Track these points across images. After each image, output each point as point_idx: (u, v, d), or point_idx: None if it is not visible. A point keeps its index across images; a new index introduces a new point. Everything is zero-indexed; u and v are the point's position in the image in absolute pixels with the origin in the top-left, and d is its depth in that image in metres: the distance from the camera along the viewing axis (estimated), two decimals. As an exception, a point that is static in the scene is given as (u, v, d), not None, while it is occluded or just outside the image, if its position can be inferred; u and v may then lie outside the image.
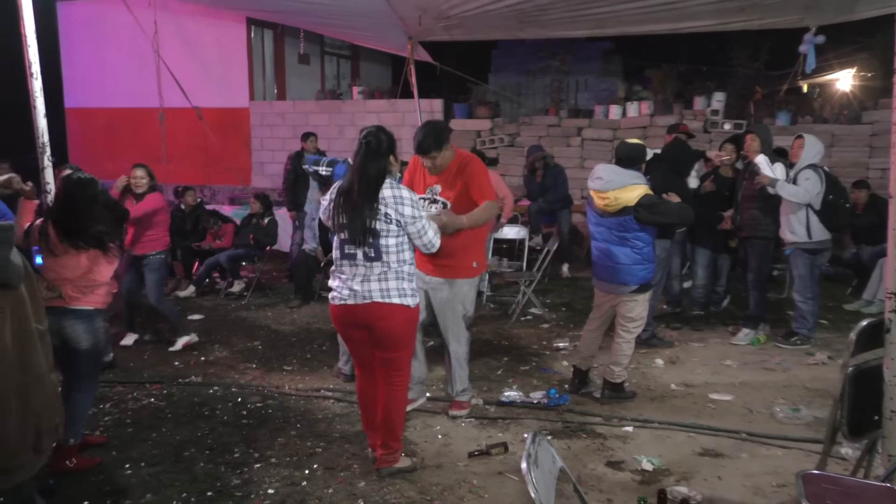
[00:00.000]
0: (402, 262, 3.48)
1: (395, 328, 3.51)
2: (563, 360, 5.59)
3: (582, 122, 10.48)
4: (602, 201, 4.47)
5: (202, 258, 8.10)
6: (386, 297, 3.44)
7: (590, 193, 4.63)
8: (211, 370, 5.38)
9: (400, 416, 3.70)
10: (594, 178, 4.51)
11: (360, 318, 3.50)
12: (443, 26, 8.76)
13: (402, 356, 3.62)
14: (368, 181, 3.40)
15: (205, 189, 11.84)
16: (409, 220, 3.44)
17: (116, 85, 12.38)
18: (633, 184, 4.41)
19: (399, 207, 3.41)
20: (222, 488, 3.54)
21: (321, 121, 11.35)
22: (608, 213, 4.46)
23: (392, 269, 3.45)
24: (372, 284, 3.44)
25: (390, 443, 3.65)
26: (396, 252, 3.45)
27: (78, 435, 3.74)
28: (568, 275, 8.54)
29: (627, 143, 4.68)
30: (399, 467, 3.69)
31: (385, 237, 3.42)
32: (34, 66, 4.20)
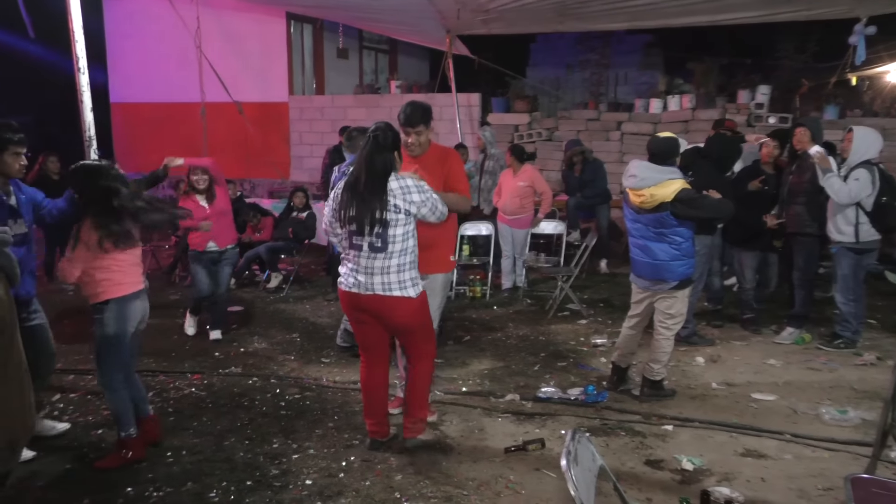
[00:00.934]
0: (405, 251, 3.59)
1: (399, 319, 3.65)
2: (601, 357, 5.53)
3: (622, 116, 10.34)
4: (638, 199, 4.39)
5: (242, 251, 8.19)
6: (387, 290, 3.57)
7: (626, 192, 4.57)
8: (250, 361, 5.45)
9: (424, 387, 3.86)
10: (628, 175, 4.44)
11: (366, 306, 3.65)
12: (481, 20, 8.73)
13: (418, 336, 3.77)
14: (375, 173, 3.52)
15: (245, 182, 12.00)
16: (419, 204, 3.57)
17: (159, 80, 12.61)
18: (669, 179, 4.32)
19: (407, 196, 3.54)
20: (261, 478, 3.58)
21: (359, 115, 11.40)
22: (645, 210, 4.39)
23: (395, 262, 3.56)
24: (374, 278, 3.56)
25: (416, 413, 3.83)
26: (402, 241, 3.56)
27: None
28: (606, 270, 8.45)
29: (659, 138, 4.56)
30: (423, 439, 3.84)
31: (394, 227, 3.54)
32: (81, 61, 4.30)
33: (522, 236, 7.59)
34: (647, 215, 4.40)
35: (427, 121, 4.06)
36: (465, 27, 9.19)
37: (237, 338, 6.07)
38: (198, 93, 11.01)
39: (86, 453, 3.85)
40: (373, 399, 3.86)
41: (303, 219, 8.12)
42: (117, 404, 3.73)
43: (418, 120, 4.01)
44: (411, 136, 4.02)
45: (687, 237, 4.42)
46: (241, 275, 8.08)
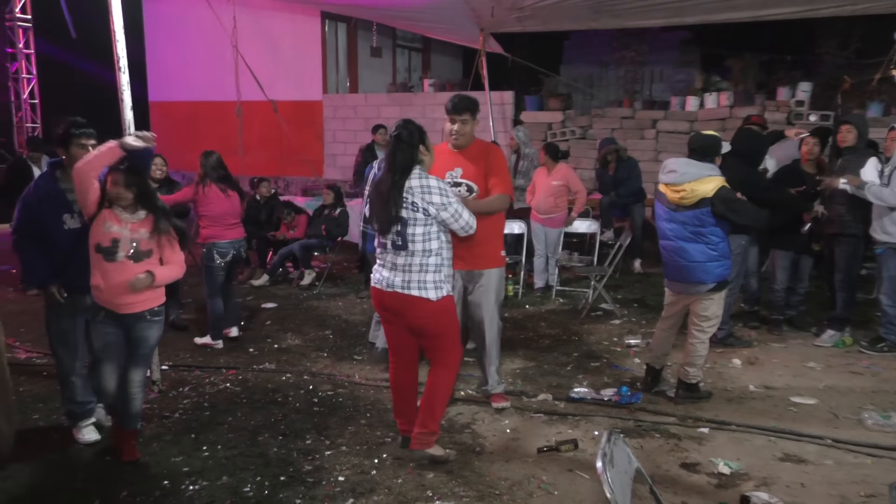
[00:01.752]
0: (428, 252, 3.53)
1: (418, 319, 3.59)
2: (634, 358, 5.47)
3: (657, 114, 10.22)
4: (676, 194, 4.30)
5: (276, 248, 8.29)
6: (406, 288, 3.53)
7: (659, 189, 4.47)
8: (284, 358, 5.50)
9: (441, 399, 3.74)
10: (666, 171, 4.36)
11: (389, 304, 3.63)
12: (515, 17, 8.68)
13: (440, 344, 3.69)
14: (396, 170, 3.52)
15: (279, 180, 12.13)
16: (438, 207, 3.49)
17: (196, 79, 12.82)
18: (709, 175, 4.25)
19: (426, 196, 3.48)
20: (294, 473, 3.61)
21: (392, 113, 11.44)
22: (683, 206, 4.30)
23: (417, 260, 3.52)
24: (397, 275, 3.56)
25: (427, 423, 3.71)
26: (423, 241, 3.51)
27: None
28: (640, 270, 8.35)
29: (701, 135, 4.51)
30: (431, 453, 3.70)
31: (412, 226, 3.50)
32: (122, 60, 4.36)
33: (555, 235, 7.54)
34: (683, 213, 4.31)
35: (473, 111, 4.06)
36: (498, 25, 9.14)
37: (271, 334, 6.13)
38: (234, 92, 11.15)
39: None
40: (402, 399, 3.85)
41: (335, 216, 8.16)
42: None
43: (464, 107, 4.02)
44: (456, 124, 4.01)
45: (723, 236, 4.34)
46: (274, 272, 8.17)
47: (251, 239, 8.32)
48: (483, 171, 4.09)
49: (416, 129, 3.59)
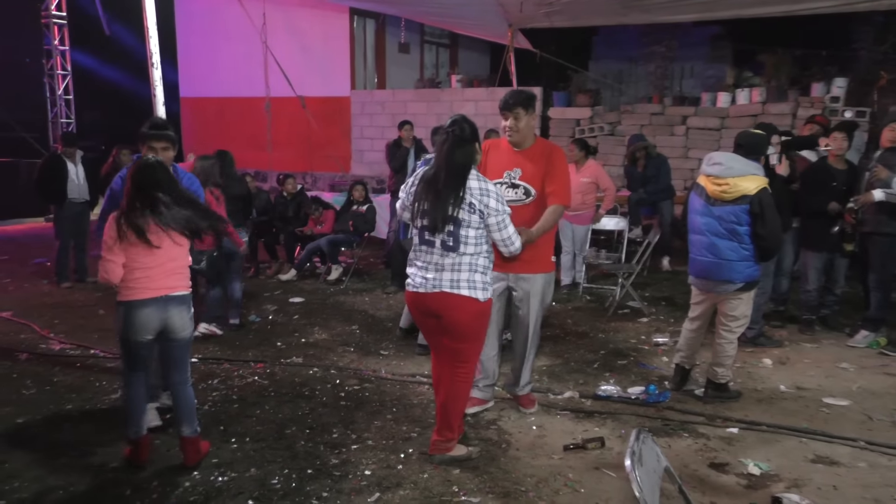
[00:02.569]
0: (479, 254, 3.49)
1: (462, 319, 3.52)
2: (662, 356, 5.42)
3: (687, 111, 10.10)
4: (718, 188, 4.21)
5: (304, 243, 8.36)
6: (455, 287, 3.46)
7: (697, 182, 4.41)
8: (311, 352, 5.54)
9: (458, 407, 3.68)
10: (711, 163, 4.29)
11: (431, 306, 3.53)
12: (544, 13, 8.65)
13: (468, 348, 3.61)
14: (455, 169, 3.43)
15: (306, 176, 12.21)
16: (491, 211, 3.44)
17: (226, 75, 12.94)
18: (754, 174, 4.20)
19: (484, 199, 3.42)
20: (321, 467, 3.63)
21: (419, 109, 11.46)
22: (723, 200, 4.21)
23: (466, 260, 3.46)
24: (444, 274, 3.47)
25: (444, 431, 3.68)
26: (475, 244, 3.47)
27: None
28: (668, 268, 8.27)
29: (749, 131, 4.49)
30: (453, 456, 3.69)
31: (466, 227, 3.44)
32: (155, 56, 4.44)
33: (583, 232, 7.48)
34: (721, 208, 4.22)
35: (526, 105, 3.90)
36: (527, 21, 9.12)
37: (298, 328, 6.18)
38: (263, 87, 11.27)
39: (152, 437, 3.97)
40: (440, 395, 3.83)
41: (363, 212, 8.20)
42: (125, 401, 3.67)
43: (515, 102, 3.88)
44: (508, 119, 3.91)
45: None
46: (301, 267, 8.23)
47: (279, 234, 8.42)
48: (542, 173, 3.91)
49: (471, 126, 3.51)
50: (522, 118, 3.90)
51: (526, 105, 3.90)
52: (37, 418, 4.25)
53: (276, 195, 8.61)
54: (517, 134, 3.93)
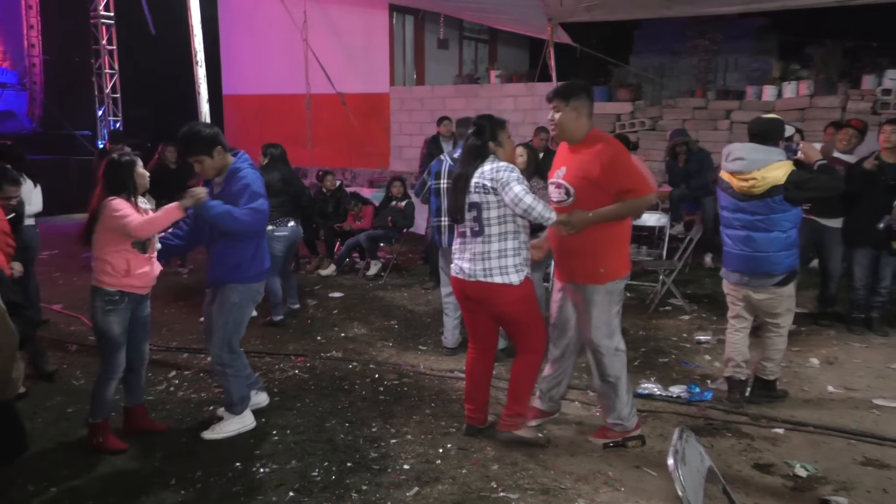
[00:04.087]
0: (505, 234, 3.55)
1: (501, 306, 3.63)
2: (704, 355, 5.32)
3: (731, 105, 9.88)
4: (745, 183, 4.06)
5: (343, 238, 8.43)
6: (488, 276, 3.57)
7: (722, 178, 4.24)
8: (350, 346, 5.59)
9: (525, 383, 3.76)
10: (731, 159, 4.12)
11: (470, 293, 3.68)
12: (585, 7, 8.54)
13: (524, 329, 3.71)
14: (469, 162, 3.64)
15: (346, 172, 12.30)
16: (501, 184, 3.47)
17: (267, 72, 13.10)
18: (779, 160, 4.01)
19: (495, 175, 3.52)
20: (361, 460, 3.66)
21: (458, 105, 11.44)
22: (753, 195, 4.07)
23: (495, 247, 3.54)
24: (476, 264, 3.59)
25: (513, 405, 3.76)
26: (499, 223, 3.55)
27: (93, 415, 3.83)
28: (710, 265, 8.12)
29: (763, 118, 4.26)
30: (520, 435, 3.73)
31: (487, 209, 3.54)
32: (199, 54, 4.51)
33: (623, 228, 7.38)
34: (752, 202, 4.08)
35: (566, 96, 3.59)
36: (567, 14, 9.01)
37: (338, 323, 6.23)
38: (303, 84, 11.38)
39: (197, 428, 4.05)
40: (474, 385, 3.89)
41: (401, 208, 8.23)
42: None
43: (554, 93, 3.66)
44: (550, 113, 3.73)
45: (795, 223, 4.12)
46: (341, 262, 8.30)
47: (318, 230, 8.51)
48: (588, 171, 3.57)
49: (487, 124, 3.63)
50: (562, 110, 3.61)
51: (566, 96, 3.59)
52: (86, 408, 4.34)
53: (315, 191, 8.70)
54: (559, 129, 3.67)
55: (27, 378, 4.73)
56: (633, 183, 3.56)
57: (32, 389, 4.59)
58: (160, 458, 3.72)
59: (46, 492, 3.39)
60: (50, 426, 4.11)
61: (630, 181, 3.55)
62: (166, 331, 5.96)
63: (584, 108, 3.62)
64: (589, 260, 3.65)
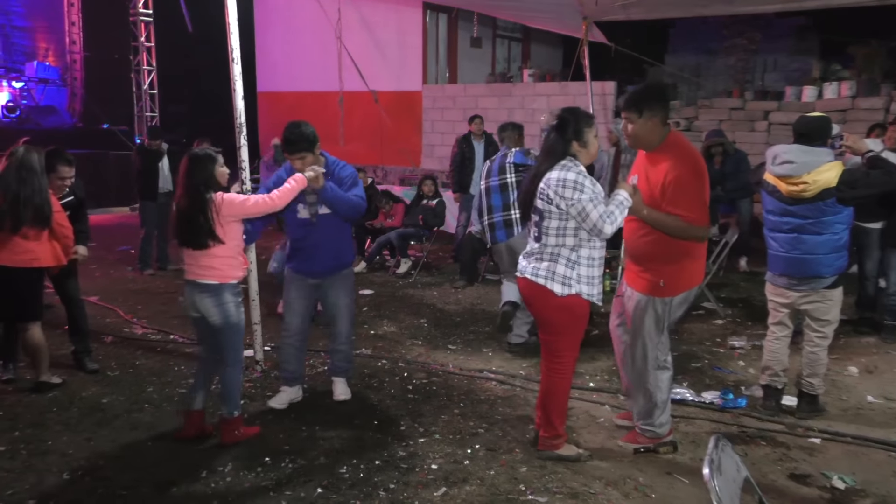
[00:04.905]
0: (562, 246, 3.41)
1: (541, 311, 3.53)
2: (738, 360, 5.23)
3: (770, 105, 9.70)
4: (795, 187, 3.91)
5: (374, 236, 8.45)
6: (535, 275, 3.47)
7: (767, 181, 4.10)
8: (380, 344, 5.59)
9: (555, 404, 3.60)
10: (779, 162, 3.96)
11: (523, 290, 3.61)
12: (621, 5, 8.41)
13: (556, 342, 3.54)
14: (542, 160, 3.52)
15: (377, 169, 12.34)
16: (568, 202, 3.31)
17: (301, 70, 13.20)
18: (829, 161, 3.86)
19: (559, 190, 3.33)
20: (389, 458, 3.66)
21: (491, 104, 11.40)
22: (803, 199, 3.93)
23: (549, 250, 3.45)
24: (531, 261, 3.52)
25: (546, 427, 3.65)
26: (556, 235, 3.41)
27: (238, 407, 3.86)
28: (746, 269, 7.98)
29: (809, 117, 4.11)
30: (560, 454, 3.65)
31: (548, 218, 3.42)
32: (235, 51, 4.53)
33: (656, 230, 7.28)
34: (802, 206, 3.93)
35: (638, 106, 3.45)
36: (602, 13, 8.89)
37: (367, 320, 6.24)
38: (336, 82, 11.44)
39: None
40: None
41: (432, 206, 8.23)
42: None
43: (625, 104, 3.54)
44: (623, 123, 3.61)
45: (847, 225, 3.98)
46: (371, 259, 8.32)
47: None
48: (653, 188, 3.45)
49: (572, 119, 3.42)
50: (635, 122, 3.48)
51: (638, 107, 3.46)
52: (119, 399, 4.44)
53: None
54: (631, 139, 3.55)
55: (64, 368, 4.84)
56: (689, 211, 3.37)
57: (68, 382, 4.68)
58: (191, 451, 3.76)
59: (82, 480, 3.45)
60: (85, 416, 4.18)
61: (687, 208, 3.37)
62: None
63: (658, 115, 3.47)
64: (651, 270, 3.54)
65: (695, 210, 3.38)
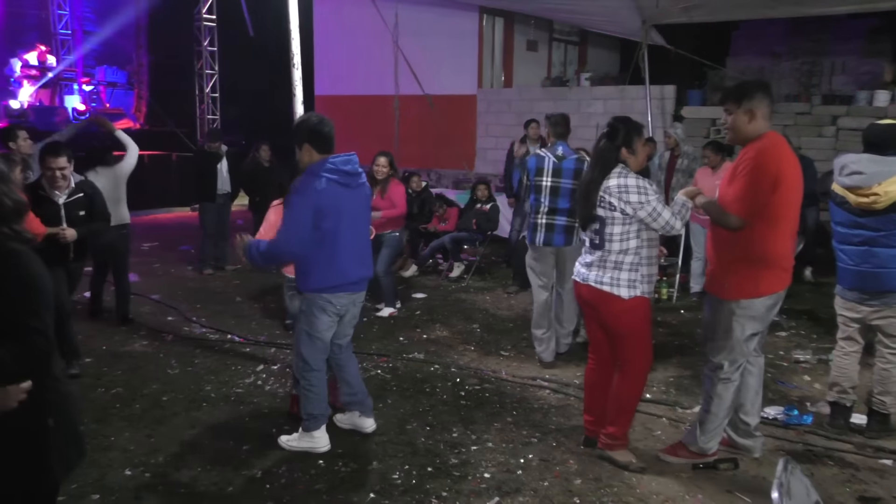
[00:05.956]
0: (626, 251, 3.46)
1: (608, 316, 3.55)
2: (803, 375, 5.04)
3: (838, 110, 9.34)
4: (865, 199, 3.75)
5: (427, 240, 8.46)
6: (599, 283, 3.49)
7: (835, 191, 3.94)
8: (432, 348, 5.59)
9: (624, 405, 3.62)
10: (847, 173, 3.81)
11: (585, 296, 3.62)
12: (682, 7, 8.27)
13: (625, 345, 3.57)
14: (595, 168, 3.55)
15: (431, 173, 12.36)
16: (636, 206, 3.39)
17: (357, 73, 13.33)
18: None
19: (623, 196, 3.40)
20: (441, 465, 3.64)
21: (546, 108, 11.24)
22: (874, 211, 3.76)
23: (612, 258, 3.47)
24: (592, 269, 3.54)
25: (608, 425, 3.66)
26: (620, 241, 3.46)
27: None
28: (811, 279, 7.70)
29: (880, 125, 3.93)
30: (612, 456, 3.63)
31: (610, 225, 3.45)
32: (296, 58, 4.61)
33: (716, 238, 7.10)
34: (874, 217, 3.76)
35: (738, 97, 3.34)
36: (663, 16, 8.75)
37: (420, 324, 6.25)
38: (392, 86, 11.50)
39: (282, 423, 4.13)
40: (591, 395, 3.79)
41: (486, 211, 8.20)
42: None
43: (725, 94, 3.45)
44: (723, 116, 3.53)
45: None
46: (424, 263, 8.34)
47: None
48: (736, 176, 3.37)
49: (622, 128, 3.49)
50: (734, 113, 3.36)
51: (737, 98, 3.34)
52: (179, 397, 4.54)
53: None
54: (730, 131, 3.43)
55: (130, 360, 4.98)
56: (742, 197, 3.27)
57: (130, 378, 4.81)
58: (247, 451, 3.81)
59: (142, 477, 3.54)
60: (146, 413, 4.29)
61: (742, 192, 3.27)
62: (255, 325, 6.14)
63: (760, 109, 3.32)
64: (719, 269, 3.49)
65: (747, 200, 3.26)
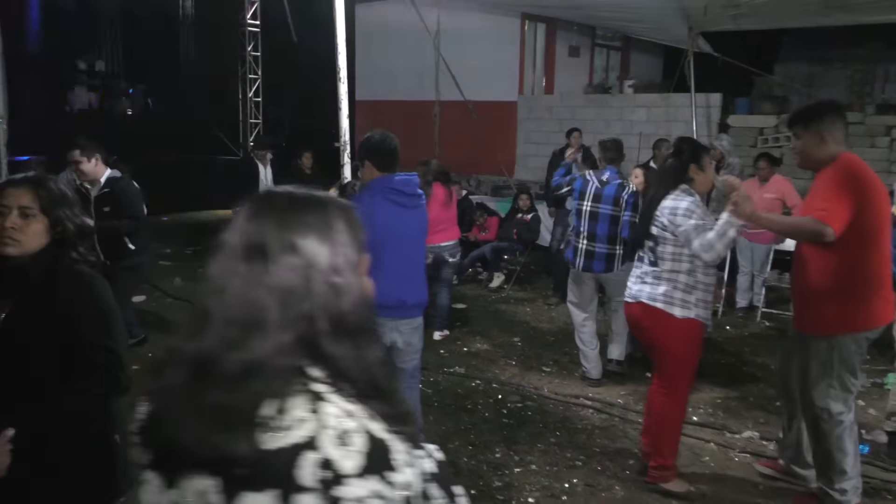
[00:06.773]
0: (678, 272, 3.41)
1: (657, 335, 3.48)
2: (857, 400, 4.85)
3: (893, 120, 9.06)
4: None
5: (467, 249, 8.42)
6: (651, 300, 3.45)
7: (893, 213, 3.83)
8: (473, 362, 5.54)
9: (665, 431, 3.54)
10: None
11: (635, 314, 3.56)
12: (730, 15, 8.08)
13: (669, 365, 3.51)
14: (658, 186, 3.56)
15: (470, 179, 12.32)
16: (680, 231, 3.35)
17: (398, 79, 13.34)
18: None
19: (672, 217, 3.38)
20: (484, 488, 3.60)
21: (588, 115, 11.17)
22: None
23: (665, 276, 3.43)
24: (645, 287, 3.50)
25: (654, 456, 3.57)
26: (673, 260, 3.42)
27: None
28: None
29: None
30: (668, 488, 3.53)
31: (663, 244, 3.44)
32: (342, 70, 4.61)
33: (764, 252, 6.94)
34: None
35: (804, 123, 3.23)
36: (710, 24, 8.56)
37: (460, 336, 6.21)
38: (432, 91, 11.49)
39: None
40: (650, 418, 3.69)
41: (527, 221, 8.13)
42: None
43: (792, 119, 3.38)
44: (792, 140, 3.42)
45: None
46: (464, 272, 8.30)
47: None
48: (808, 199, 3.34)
49: (688, 147, 3.53)
50: (802, 137, 3.26)
51: (806, 123, 3.23)
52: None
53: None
54: (799, 156, 3.35)
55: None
56: (825, 204, 3.05)
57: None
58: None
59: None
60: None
61: (824, 201, 3.07)
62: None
63: (831, 133, 3.18)
64: (810, 302, 3.27)
65: (832, 207, 3.02)
